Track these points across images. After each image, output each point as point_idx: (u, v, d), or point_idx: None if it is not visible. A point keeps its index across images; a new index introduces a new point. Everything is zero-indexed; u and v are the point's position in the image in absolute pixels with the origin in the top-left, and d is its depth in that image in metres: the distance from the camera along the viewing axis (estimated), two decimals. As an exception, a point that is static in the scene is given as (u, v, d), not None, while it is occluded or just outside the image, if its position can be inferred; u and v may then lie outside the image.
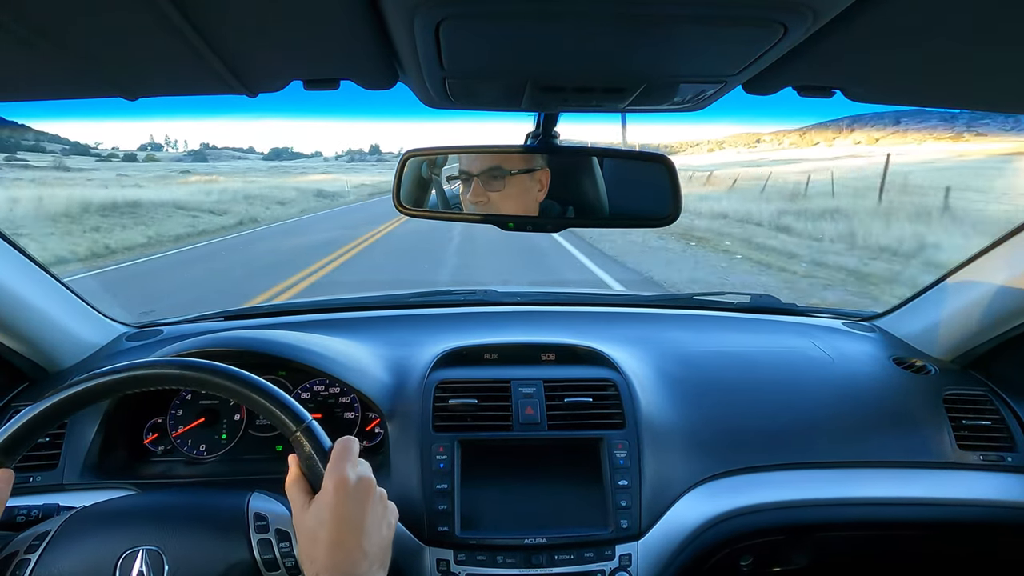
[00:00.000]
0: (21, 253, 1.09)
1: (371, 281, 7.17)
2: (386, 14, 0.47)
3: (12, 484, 0.65)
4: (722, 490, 1.05)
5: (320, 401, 1.15)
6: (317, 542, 0.63)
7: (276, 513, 0.71)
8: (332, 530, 0.63)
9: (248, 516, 0.70)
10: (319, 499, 0.65)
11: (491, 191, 0.90)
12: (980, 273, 1.18)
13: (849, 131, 54.04)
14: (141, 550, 0.65)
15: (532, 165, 0.89)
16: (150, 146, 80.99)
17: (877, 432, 1.14)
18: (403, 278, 7.24)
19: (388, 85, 0.65)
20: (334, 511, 0.64)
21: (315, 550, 0.63)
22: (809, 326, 1.45)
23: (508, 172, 0.89)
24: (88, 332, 1.26)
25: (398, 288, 1.70)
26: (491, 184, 0.90)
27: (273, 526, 0.69)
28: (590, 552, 0.94)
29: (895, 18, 0.48)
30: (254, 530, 0.68)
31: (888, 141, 45.85)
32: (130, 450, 1.09)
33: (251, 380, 0.69)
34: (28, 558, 0.64)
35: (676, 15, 0.44)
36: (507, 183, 0.89)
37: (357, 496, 0.66)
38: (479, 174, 0.90)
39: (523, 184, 0.89)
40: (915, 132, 41.82)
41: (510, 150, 0.89)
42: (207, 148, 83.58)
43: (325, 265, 8.19)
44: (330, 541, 0.63)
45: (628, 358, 1.18)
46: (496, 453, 1.03)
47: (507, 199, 0.90)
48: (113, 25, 0.49)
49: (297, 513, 0.66)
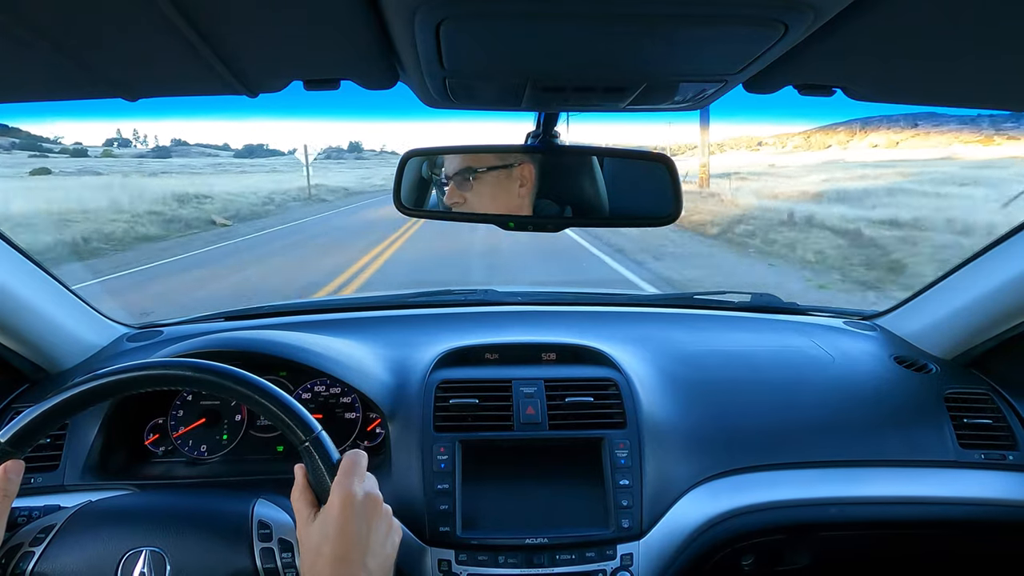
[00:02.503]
0: (21, 254, 1.09)
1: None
2: (386, 14, 0.47)
3: (22, 475, 0.65)
4: (723, 489, 1.04)
5: (321, 401, 1.15)
6: (320, 556, 0.63)
7: (280, 522, 0.71)
8: (337, 545, 0.63)
9: (252, 523, 0.70)
10: (325, 513, 0.65)
11: (464, 191, 0.90)
12: (981, 272, 1.18)
13: (864, 133, 52.91)
14: (144, 551, 0.65)
15: (505, 162, 0.89)
16: (117, 141, 78.91)
17: (878, 431, 1.14)
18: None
19: (388, 85, 0.65)
20: (340, 527, 0.64)
21: (318, 564, 0.63)
22: (810, 325, 1.45)
23: (475, 171, 0.90)
24: (89, 333, 1.26)
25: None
26: (463, 185, 0.90)
27: (276, 535, 0.69)
28: (591, 552, 0.94)
29: (896, 16, 0.48)
30: (257, 538, 0.68)
31: (910, 144, 44.41)
32: (131, 451, 1.09)
33: (263, 386, 0.69)
34: (32, 551, 0.65)
35: (676, 14, 0.44)
36: (477, 182, 0.90)
37: (363, 513, 0.65)
38: (453, 176, 0.91)
39: (496, 182, 0.89)
40: (936, 134, 40.87)
41: (509, 149, 0.89)
42: (178, 144, 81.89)
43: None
44: (334, 556, 0.63)
45: (629, 357, 1.18)
46: (497, 453, 1.03)
47: (481, 197, 0.90)
48: (113, 26, 0.49)
49: (301, 525, 0.66)
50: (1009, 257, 1.12)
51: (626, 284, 6.56)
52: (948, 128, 39.35)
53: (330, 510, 0.65)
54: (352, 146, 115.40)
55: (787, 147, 61.29)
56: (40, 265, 1.13)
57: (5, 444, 0.64)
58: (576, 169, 0.92)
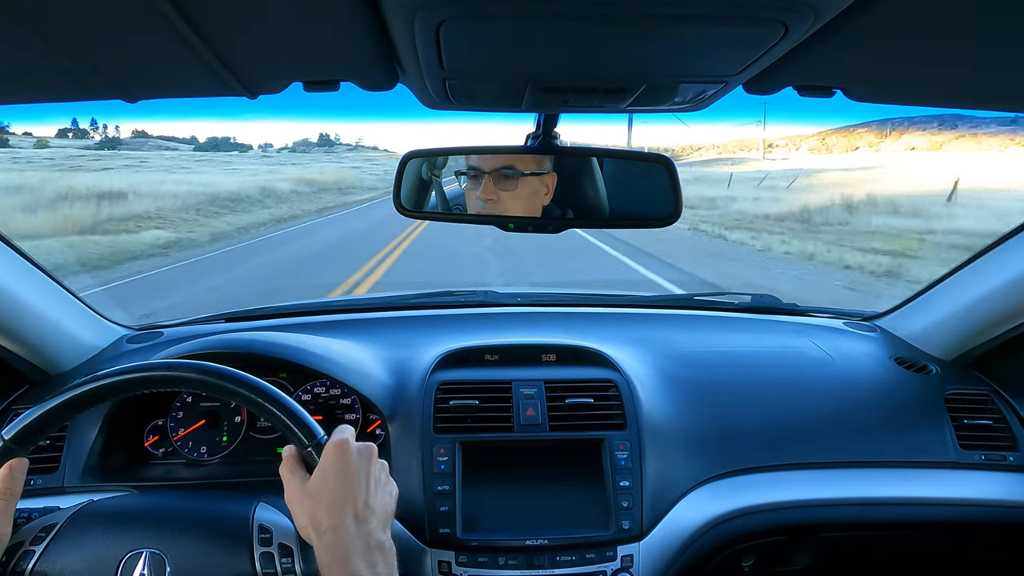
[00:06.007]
0: (21, 255, 1.09)
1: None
2: (387, 16, 0.47)
3: (27, 472, 0.66)
4: (724, 490, 1.04)
5: (321, 403, 1.15)
6: (319, 503, 0.63)
7: (280, 526, 0.71)
8: (338, 487, 0.64)
9: (253, 527, 0.69)
10: (321, 465, 0.66)
11: (503, 191, 0.89)
12: (981, 273, 1.18)
13: (896, 135, 51.21)
14: (144, 552, 0.65)
15: (542, 168, 0.89)
16: (72, 131, 76.65)
17: (879, 432, 1.14)
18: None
19: (388, 86, 0.65)
20: (339, 469, 0.65)
21: (318, 511, 0.63)
22: (810, 326, 1.44)
23: (521, 173, 0.89)
24: (88, 334, 1.26)
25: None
26: (503, 184, 0.89)
27: (276, 540, 0.69)
28: (592, 553, 0.94)
29: (895, 17, 0.48)
30: (258, 542, 0.68)
31: (955, 146, 42.19)
32: (131, 453, 1.09)
33: (274, 393, 0.69)
34: (33, 549, 0.65)
35: (677, 15, 0.44)
36: (519, 184, 0.89)
37: (362, 454, 0.67)
38: (491, 172, 0.89)
39: (533, 186, 0.89)
40: (986, 136, 39.41)
41: (511, 150, 0.89)
42: (138, 136, 79.77)
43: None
44: (333, 500, 0.63)
45: (629, 359, 1.18)
46: (497, 454, 1.03)
47: (516, 199, 0.89)
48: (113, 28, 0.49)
49: (296, 486, 0.66)
50: (1009, 258, 1.12)
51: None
52: (988, 130, 38.23)
53: (326, 460, 0.66)
54: (322, 139, 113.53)
55: (800, 149, 59.95)
56: (40, 267, 1.13)
57: (9, 441, 0.65)
58: (576, 170, 0.92)
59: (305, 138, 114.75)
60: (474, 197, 0.90)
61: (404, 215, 0.94)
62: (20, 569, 0.64)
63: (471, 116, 0.82)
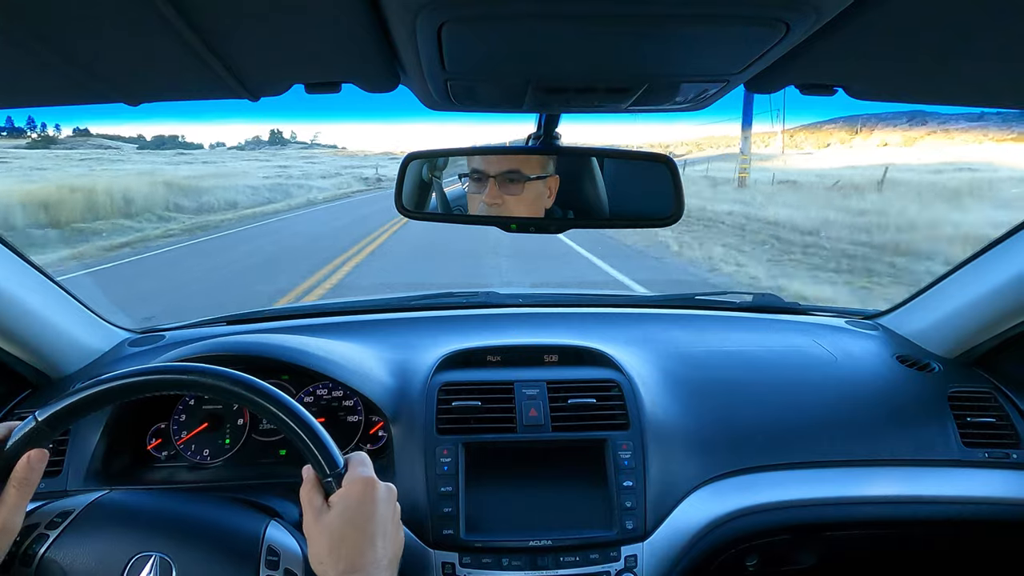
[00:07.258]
0: (22, 259, 1.09)
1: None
2: (388, 17, 0.47)
3: (46, 464, 0.66)
4: (727, 490, 1.04)
5: (323, 405, 1.14)
6: (341, 542, 0.63)
7: (289, 551, 0.70)
8: (363, 529, 0.63)
9: (262, 547, 0.69)
10: (346, 500, 0.65)
11: (508, 194, 0.88)
12: (983, 270, 1.18)
13: (867, 131, 50.92)
14: (154, 556, 0.65)
15: (547, 171, 0.88)
16: (6, 130, 75.07)
17: (882, 430, 1.13)
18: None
19: (390, 88, 0.65)
20: (367, 513, 0.64)
21: (339, 549, 0.62)
22: (812, 325, 1.44)
23: (527, 177, 0.88)
24: (90, 338, 1.25)
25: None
26: (508, 187, 0.88)
27: (284, 564, 0.68)
28: (595, 553, 0.94)
29: (898, 15, 0.48)
30: (265, 564, 0.67)
31: (927, 143, 41.54)
32: (133, 456, 1.09)
33: (303, 416, 0.68)
34: (47, 534, 0.66)
35: (678, 15, 0.44)
36: (525, 188, 0.88)
37: (387, 498, 0.67)
38: (496, 175, 0.88)
39: (538, 190, 0.88)
40: (957, 132, 39.06)
41: (511, 151, 0.89)
42: (80, 134, 78.39)
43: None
44: (355, 543, 0.63)
45: (631, 359, 1.18)
46: (500, 455, 1.03)
47: (521, 203, 0.88)
48: (115, 30, 0.49)
49: (314, 516, 0.65)
50: (1011, 255, 1.12)
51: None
52: (959, 126, 37.91)
53: (351, 495, 0.65)
54: (274, 137, 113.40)
55: (769, 146, 59.16)
56: (41, 270, 1.13)
57: (42, 422, 0.65)
58: (577, 170, 0.92)
59: (256, 136, 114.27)
60: (478, 200, 0.90)
61: (406, 216, 0.94)
62: (33, 552, 0.64)
63: (472, 116, 0.82)
